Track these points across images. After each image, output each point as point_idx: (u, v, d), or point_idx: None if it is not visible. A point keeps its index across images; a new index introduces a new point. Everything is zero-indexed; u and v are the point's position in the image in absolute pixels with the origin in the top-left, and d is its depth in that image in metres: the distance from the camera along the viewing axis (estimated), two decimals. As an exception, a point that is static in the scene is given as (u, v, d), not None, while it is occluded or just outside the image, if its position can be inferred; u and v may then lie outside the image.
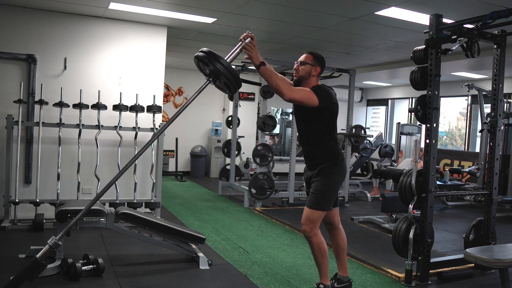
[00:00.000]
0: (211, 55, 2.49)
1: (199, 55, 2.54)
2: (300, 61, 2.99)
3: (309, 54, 3.01)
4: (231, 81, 2.53)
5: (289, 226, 5.34)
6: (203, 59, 2.51)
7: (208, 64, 2.49)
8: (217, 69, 2.48)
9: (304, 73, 2.97)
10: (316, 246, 2.91)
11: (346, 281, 3.14)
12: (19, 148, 4.83)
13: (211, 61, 2.48)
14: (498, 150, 3.87)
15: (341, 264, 3.15)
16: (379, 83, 10.65)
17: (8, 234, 4.39)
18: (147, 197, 5.43)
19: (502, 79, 3.80)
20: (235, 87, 2.58)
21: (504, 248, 3.06)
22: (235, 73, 2.52)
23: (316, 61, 2.99)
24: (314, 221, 2.88)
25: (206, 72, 2.60)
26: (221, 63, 2.47)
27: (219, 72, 2.48)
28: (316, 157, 2.98)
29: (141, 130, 5.23)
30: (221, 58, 2.50)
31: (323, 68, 3.03)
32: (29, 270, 2.61)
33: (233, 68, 2.53)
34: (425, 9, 4.43)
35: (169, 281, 3.34)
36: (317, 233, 2.90)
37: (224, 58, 2.53)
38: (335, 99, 2.96)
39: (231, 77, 2.51)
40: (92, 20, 5.41)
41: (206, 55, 2.50)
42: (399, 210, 5.07)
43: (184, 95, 10.17)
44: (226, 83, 2.56)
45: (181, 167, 9.99)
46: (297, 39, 6.27)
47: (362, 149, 8.50)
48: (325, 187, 2.90)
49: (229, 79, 2.52)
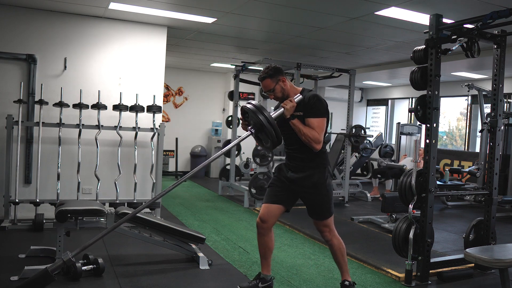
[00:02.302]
0: (258, 108, 2.69)
1: (247, 106, 2.75)
2: (267, 91, 3.00)
3: (264, 79, 2.97)
4: (272, 136, 2.70)
5: (289, 226, 5.34)
6: (250, 111, 2.72)
7: (254, 116, 2.70)
8: (261, 122, 2.67)
9: (279, 93, 3.00)
10: (337, 247, 3.05)
11: (269, 280, 3.15)
12: (19, 148, 4.84)
13: (258, 114, 2.67)
14: (498, 150, 3.87)
15: (266, 264, 3.14)
16: (379, 83, 10.65)
17: (8, 234, 4.39)
18: (147, 197, 5.43)
19: (502, 79, 3.80)
20: (274, 142, 2.74)
21: (504, 248, 3.05)
22: (278, 129, 2.70)
23: (275, 76, 2.97)
24: (329, 225, 3.04)
25: (251, 123, 2.80)
26: (266, 117, 2.67)
27: (262, 125, 2.68)
28: (304, 161, 2.99)
29: (141, 130, 5.23)
30: (267, 112, 2.69)
31: (283, 73, 3.04)
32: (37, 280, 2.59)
33: (276, 125, 2.71)
34: (425, 9, 4.43)
35: (169, 281, 3.34)
36: (336, 234, 3.06)
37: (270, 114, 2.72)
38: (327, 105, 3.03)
39: (273, 132, 2.68)
40: (92, 20, 5.41)
41: (254, 108, 2.71)
42: (399, 210, 5.07)
43: (184, 95, 10.18)
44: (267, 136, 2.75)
45: (181, 167, 9.99)
46: (297, 39, 6.27)
47: (362, 149, 8.50)
48: (325, 197, 2.99)
49: (271, 134, 2.69)
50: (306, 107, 2.90)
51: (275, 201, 3.04)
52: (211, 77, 10.37)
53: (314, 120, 2.89)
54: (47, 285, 2.64)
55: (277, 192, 3.06)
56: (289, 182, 3.03)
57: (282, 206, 3.05)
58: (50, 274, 2.58)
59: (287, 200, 3.07)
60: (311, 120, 2.89)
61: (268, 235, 3.07)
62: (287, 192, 3.05)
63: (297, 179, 2.99)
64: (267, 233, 3.06)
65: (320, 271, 3.76)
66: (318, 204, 2.99)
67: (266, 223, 3.03)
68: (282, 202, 3.05)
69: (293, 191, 3.04)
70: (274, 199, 3.05)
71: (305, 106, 2.91)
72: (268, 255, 3.12)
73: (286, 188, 3.05)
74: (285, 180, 3.05)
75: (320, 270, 3.79)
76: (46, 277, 2.59)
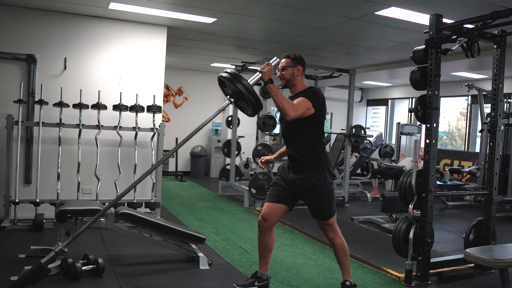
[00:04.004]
0: (234, 76, 2.66)
1: (222, 75, 2.71)
2: (282, 67, 3.02)
3: (287, 58, 3.04)
4: (251, 102, 2.69)
5: (289, 226, 5.34)
6: (227, 80, 2.68)
7: (231, 85, 2.66)
8: (239, 90, 2.64)
9: (288, 75, 3.01)
10: (340, 246, 3.05)
11: (265, 279, 3.16)
12: (19, 148, 4.83)
13: (234, 82, 2.64)
14: (498, 150, 3.87)
15: (264, 263, 3.15)
16: (379, 83, 10.65)
17: (8, 234, 4.39)
18: (147, 197, 5.42)
19: (502, 79, 3.80)
20: (255, 108, 2.74)
21: (504, 248, 3.05)
22: (256, 95, 2.68)
23: (296, 61, 3.02)
24: (332, 224, 3.04)
25: (228, 93, 2.78)
26: (243, 85, 2.64)
27: (241, 93, 2.65)
28: (302, 162, 2.98)
29: (141, 130, 5.23)
30: (244, 79, 2.65)
31: (305, 66, 3.08)
32: (32, 274, 2.59)
33: (254, 91, 2.69)
34: (425, 9, 4.43)
35: (169, 281, 3.34)
36: (339, 233, 3.07)
37: (247, 80, 2.69)
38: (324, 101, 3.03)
39: (252, 99, 2.67)
40: (92, 20, 5.40)
41: (230, 76, 2.67)
42: (399, 210, 5.07)
43: (184, 95, 10.18)
44: (247, 104, 2.72)
45: (181, 167, 9.99)
46: (297, 39, 6.27)
47: (362, 149, 8.50)
48: (325, 198, 2.98)
49: (250, 101, 2.68)
50: (300, 95, 2.94)
51: (278, 200, 3.05)
52: (211, 77, 10.36)
53: (299, 99, 2.90)
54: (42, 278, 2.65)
55: (280, 192, 3.07)
56: (290, 184, 3.04)
57: (284, 205, 3.06)
58: (44, 266, 2.59)
59: (289, 200, 3.08)
60: (297, 99, 2.91)
61: (269, 234, 3.08)
62: (289, 192, 3.06)
63: (297, 180, 2.99)
64: (268, 232, 3.07)
65: (320, 271, 3.76)
66: (318, 205, 3.00)
67: (267, 222, 3.04)
68: (284, 201, 3.06)
69: (294, 191, 3.05)
70: (277, 198, 3.06)
71: (300, 94, 2.94)
72: (267, 254, 3.12)
73: (288, 187, 3.06)
74: (287, 180, 3.06)
75: (320, 270, 3.79)
76: (41, 270, 2.59)
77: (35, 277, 2.60)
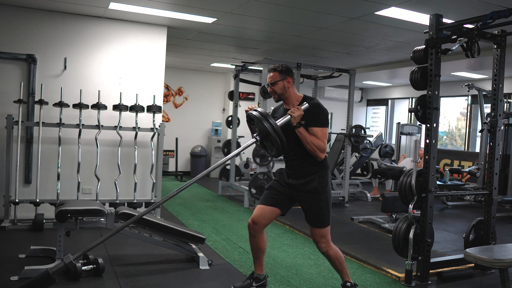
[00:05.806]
0: (264, 116, 2.71)
1: (253, 113, 2.77)
2: (270, 82, 3.00)
3: (274, 71, 3.00)
4: (277, 144, 2.72)
5: (289, 226, 5.34)
6: (256, 118, 2.74)
7: (260, 123, 2.71)
8: (266, 130, 2.69)
9: (279, 90, 2.99)
10: (334, 257, 3.02)
11: (263, 279, 3.16)
12: (19, 148, 4.84)
13: (263, 121, 2.70)
14: (498, 150, 3.87)
15: (259, 264, 3.14)
16: (379, 83, 10.65)
17: (8, 234, 4.39)
18: (147, 197, 5.43)
19: (502, 79, 3.80)
20: (279, 149, 2.75)
21: (504, 248, 3.05)
22: (283, 137, 2.71)
23: (284, 73, 2.99)
24: (326, 235, 3.00)
25: (256, 130, 2.83)
26: (272, 125, 2.69)
27: (268, 133, 2.70)
28: (304, 169, 2.97)
29: (141, 130, 5.23)
30: (272, 120, 2.71)
31: (293, 75, 3.06)
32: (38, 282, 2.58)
33: (282, 133, 2.72)
34: (425, 9, 4.43)
35: (169, 281, 3.34)
36: (331, 245, 3.02)
37: (276, 121, 2.74)
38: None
39: (278, 140, 2.70)
40: (92, 20, 5.40)
41: (260, 115, 2.72)
42: (399, 210, 5.07)
43: (184, 95, 10.18)
44: (272, 144, 2.76)
45: (181, 167, 10.00)
46: (297, 39, 6.27)
47: (362, 149, 8.50)
48: (324, 203, 2.97)
49: (276, 142, 2.71)
50: (309, 115, 2.90)
51: (271, 203, 3.03)
52: (211, 77, 10.37)
53: (318, 130, 2.89)
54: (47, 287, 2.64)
55: (274, 195, 3.05)
56: (288, 187, 3.01)
57: (277, 209, 3.03)
58: (51, 276, 2.58)
59: (283, 204, 3.05)
60: (315, 129, 2.89)
61: (259, 237, 3.05)
62: (285, 196, 3.04)
63: (298, 185, 2.97)
64: (258, 234, 3.04)
65: (320, 271, 3.76)
66: (317, 210, 2.96)
67: (257, 225, 3.01)
68: (278, 205, 3.03)
69: (291, 196, 3.03)
70: (270, 201, 3.03)
71: (309, 115, 2.90)
72: (260, 255, 3.11)
73: (284, 192, 3.03)
74: (285, 185, 3.04)
75: (320, 270, 3.79)
76: (47, 279, 2.58)
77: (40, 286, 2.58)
